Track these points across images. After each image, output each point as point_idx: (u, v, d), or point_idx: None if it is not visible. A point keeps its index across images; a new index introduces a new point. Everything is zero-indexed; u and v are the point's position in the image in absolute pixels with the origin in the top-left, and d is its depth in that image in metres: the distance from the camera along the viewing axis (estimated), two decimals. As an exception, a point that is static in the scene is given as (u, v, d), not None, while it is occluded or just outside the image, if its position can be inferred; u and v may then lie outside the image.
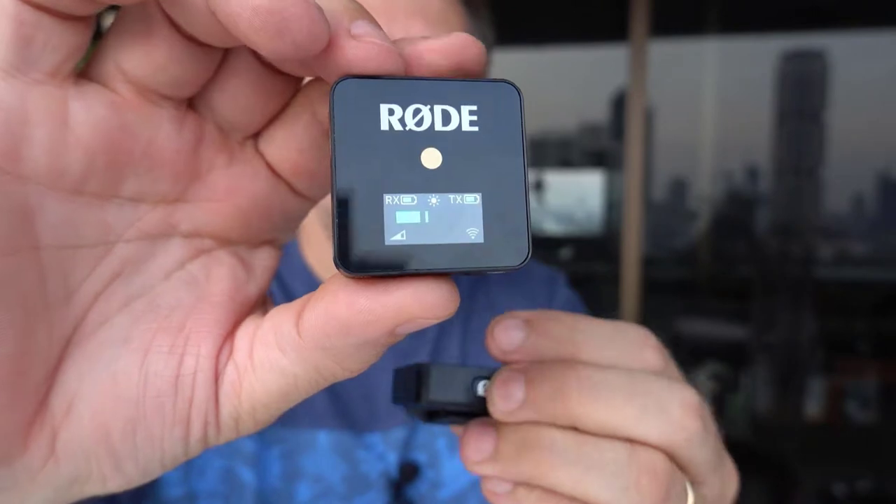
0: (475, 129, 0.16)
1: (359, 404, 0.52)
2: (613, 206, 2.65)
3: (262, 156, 0.19)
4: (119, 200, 0.17)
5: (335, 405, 0.51)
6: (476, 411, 0.22)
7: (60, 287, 0.16)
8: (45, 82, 0.15)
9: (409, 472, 0.50)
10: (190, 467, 0.47)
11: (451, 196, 0.16)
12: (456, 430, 0.24)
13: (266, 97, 0.18)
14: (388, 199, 0.16)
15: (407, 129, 0.16)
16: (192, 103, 0.18)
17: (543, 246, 2.80)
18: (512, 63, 2.45)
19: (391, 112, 0.16)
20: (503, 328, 0.22)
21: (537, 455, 0.21)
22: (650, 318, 2.07)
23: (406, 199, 0.16)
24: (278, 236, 0.21)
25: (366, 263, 0.15)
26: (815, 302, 2.55)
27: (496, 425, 0.22)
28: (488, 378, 0.22)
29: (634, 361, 0.22)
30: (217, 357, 0.18)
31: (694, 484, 0.22)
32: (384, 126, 0.16)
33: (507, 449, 0.21)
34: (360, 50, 0.15)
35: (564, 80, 2.92)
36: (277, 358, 0.17)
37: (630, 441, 0.21)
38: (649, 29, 1.90)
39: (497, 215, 0.16)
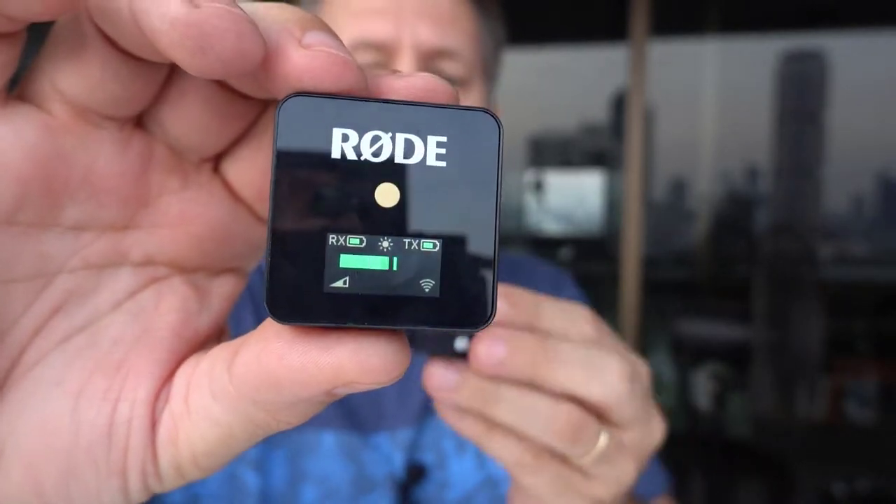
0: (442, 163, 0.14)
1: (365, 405, 0.51)
2: (613, 206, 2.65)
3: (221, 179, 0.18)
4: (59, 229, 0.16)
5: (341, 406, 0.50)
6: (453, 353, 0.28)
7: None
8: None
9: (416, 474, 0.49)
10: None
11: (407, 241, 0.14)
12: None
13: (222, 117, 0.16)
14: (332, 238, 0.14)
15: (362, 158, 0.14)
16: (140, 122, 0.17)
17: (543, 246, 2.80)
18: (512, 63, 2.44)
19: (345, 138, 0.14)
20: None
21: (489, 399, 0.27)
22: (650, 318, 2.07)
23: (353, 240, 0.14)
24: (241, 264, 0.20)
25: (299, 312, 0.14)
26: (816, 302, 2.55)
27: (461, 367, 0.27)
28: (468, 335, 0.27)
29: (577, 331, 0.28)
30: (154, 402, 0.16)
31: (617, 429, 0.28)
32: (335, 153, 0.14)
33: (467, 389, 0.27)
34: (312, 59, 0.14)
35: (564, 80, 2.92)
36: (210, 405, 0.15)
37: (576, 399, 0.27)
38: (649, 29, 1.90)
39: (458, 267, 0.14)
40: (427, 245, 0.14)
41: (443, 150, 0.14)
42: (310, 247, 0.14)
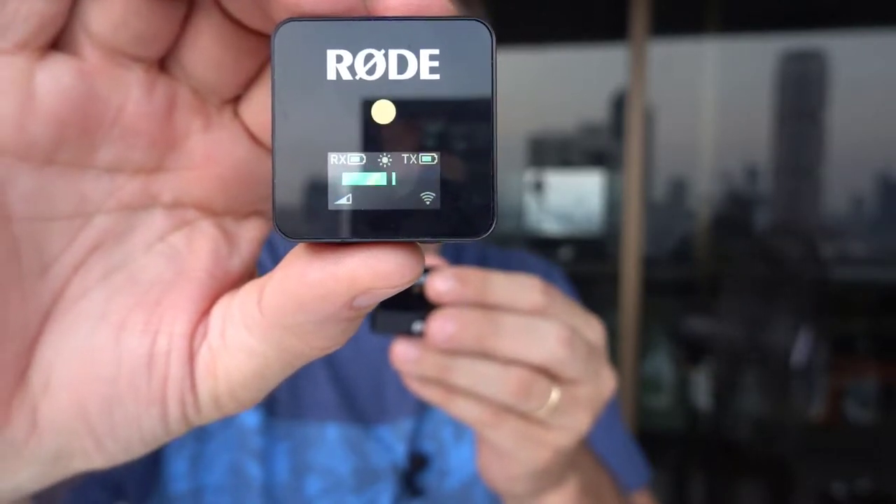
0: (436, 76, 0.14)
1: (367, 398, 0.52)
2: (613, 206, 2.65)
3: (241, 123, 0.19)
4: (95, 171, 0.17)
5: (344, 399, 0.51)
6: (412, 334, 0.32)
7: (35, 259, 0.16)
8: (12, 53, 0.15)
9: (418, 462, 0.51)
10: (197, 462, 0.48)
11: (405, 156, 0.14)
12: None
13: (237, 55, 0.17)
14: (333, 158, 0.14)
15: (357, 77, 0.14)
16: (164, 66, 0.17)
17: (543, 246, 2.80)
18: (512, 63, 2.44)
19: (339, 59, 0.14)
20: (439, 279, 0.30)
21: (446, 369, 0.30)
22: (650, 317, 2.07)
23: (354, 158, 0.14)
24: (266, 207, 0.20)
25: (306, 229, 0.14)
26: (816, 302, 2.55)
27: (420, 343, 0.31)
28: (422, 319, 0.31)
29: (526, 301, 0.31)
30: (191, 336, 0.17)
31: (568, 385, 0.31)
32: (331, 75, 0.14)
33: (426, 362, 0.30)
34: None
35: (564, 80, 2.92)
36: (245, 338, 0.16)
37: (522, 363, 0.30)
38: (649, 29, 1.90)
39: (458, 179, 0.14)
40: (426, 159, 0.14)
41: (436, 63, 0.14)
42: (312, 167, 0.14)
